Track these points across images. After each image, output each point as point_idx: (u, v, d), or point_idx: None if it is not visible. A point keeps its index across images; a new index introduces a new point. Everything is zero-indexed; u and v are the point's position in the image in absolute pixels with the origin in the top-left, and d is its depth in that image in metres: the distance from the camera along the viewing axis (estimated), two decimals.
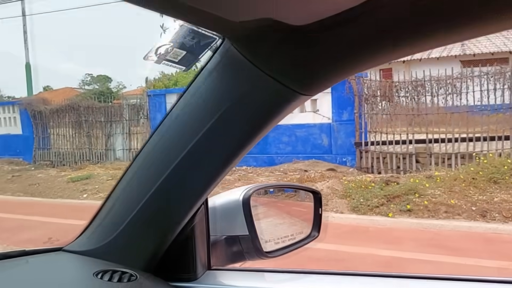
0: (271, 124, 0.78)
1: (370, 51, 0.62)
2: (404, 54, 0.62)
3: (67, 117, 13.86)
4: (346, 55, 0.63)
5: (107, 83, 49.89)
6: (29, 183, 10.95)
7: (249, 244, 1.05)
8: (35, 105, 14.34)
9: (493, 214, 6.04)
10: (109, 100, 14.73)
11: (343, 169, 9.79)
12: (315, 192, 1.27)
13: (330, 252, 5.11)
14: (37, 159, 14.26)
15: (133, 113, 12.99)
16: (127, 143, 13.00)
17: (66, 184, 10.37)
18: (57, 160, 13.91)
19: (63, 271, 0.90)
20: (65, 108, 13.87)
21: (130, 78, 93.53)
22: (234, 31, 0.64)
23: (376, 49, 0.61)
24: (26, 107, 14.45)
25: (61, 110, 13.95)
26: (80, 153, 13.67)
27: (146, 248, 0.92)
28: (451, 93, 9.41)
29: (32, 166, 13.51)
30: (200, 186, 0.85)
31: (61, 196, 9.68)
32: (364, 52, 0.62)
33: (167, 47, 0.66)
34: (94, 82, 51.07)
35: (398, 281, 0.97)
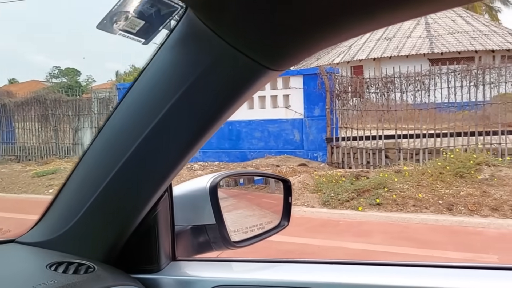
0: (239, 102, 0.73)
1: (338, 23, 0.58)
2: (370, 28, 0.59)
3: (33, 111, 13.43)
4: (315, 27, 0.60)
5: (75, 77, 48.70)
6: None
7: (216, 234, 1.01)
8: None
9: (459, 208, 6.21)
10: (78, 93, 14.35)
11: (315, 164, 9.87)
12: (285, 180, 1.24)
13: (300, 245, 5.13)
14: (1, 153, 13.75)
15: (102, 106, 12.69)
16: None
17: (31, 179, 10.05)
18: (22, 155, 13.47)
19: (13, 264, 0.84)
20: (31, 101, 13.43)
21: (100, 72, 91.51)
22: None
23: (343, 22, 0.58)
24: None
25: (26, 103, 13.50)
26: (47, 147, 13.27)
27: (104, 238, 0.87)
28: (420, 90, 9.62)
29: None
30: (162, 172, 0.80)
31: (25, 191, 9.37)
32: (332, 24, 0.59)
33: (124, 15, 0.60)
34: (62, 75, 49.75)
35: (367, 268, 0.95)
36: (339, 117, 10.12)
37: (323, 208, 6.83)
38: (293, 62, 0.68)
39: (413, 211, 6.34)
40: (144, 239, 0.90)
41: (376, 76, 10.16)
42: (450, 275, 0.88)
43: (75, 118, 12.98)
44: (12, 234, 0.98)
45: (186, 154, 0.78)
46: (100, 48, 76.52)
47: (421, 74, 9.60)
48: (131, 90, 0.77)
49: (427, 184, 6.93)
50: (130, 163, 0.78)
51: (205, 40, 0.65)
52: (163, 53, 0.71)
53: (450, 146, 8.91)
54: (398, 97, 9.86)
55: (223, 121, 0.76)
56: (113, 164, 0.79)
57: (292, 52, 0.65)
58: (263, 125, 10.84)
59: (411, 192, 6.76)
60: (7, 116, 13.82)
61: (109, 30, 0.61)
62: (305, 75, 10.38)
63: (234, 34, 0.63)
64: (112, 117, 0.80)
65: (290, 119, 10.54)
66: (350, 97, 10.36)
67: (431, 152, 9.02)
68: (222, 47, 0.64)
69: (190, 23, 0.65)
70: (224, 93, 0.70)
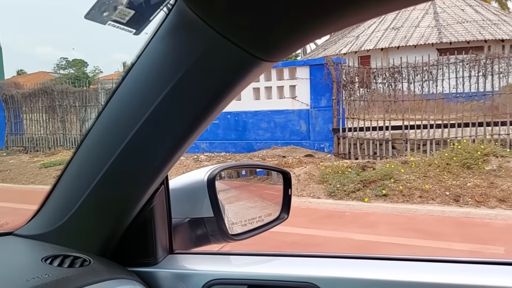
0: (233, 92, 0.72)
1: (333, 12, 0.56)
2: (367, 17, 0.58)
3: (40, 102, 13.49)
4: (308, 16, 0.58)
5: (83, 68, 48.90)
6: (0, 169, 10.65)
7: (214, 227, 1.00)
8: (6, 89, 13.90)
9: (466, 199, 6.17)
10: (85, 84, 14.40)
11: (321, 155, 9.85)
12: (285, 172, 1.23)
13: (306, 236, 5.14)
14: (10, 144, 13.88)
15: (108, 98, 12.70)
16: None
17: (38, 170, 10.13)
18: (30, 146, 13.57)
19: (8, 257, 0.84)
20: (38, 93, 13.49)
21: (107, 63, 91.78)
22: None
23: (338, 11, 0.56)
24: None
25: (34, 94, 13.57)
26: (54, 138, 13.35)
27: (100, 231, 0.86)
28: (427, 80, 9.52)
29: (4, 152, 13.15)
30: (156, 164, 0.79)
31: (33, 182, 9.45)
32: (326, 13, 0.57)
33: (112, 4, 0.59)
34: (69, 67, 49.97)
35: (374, 262, 0.94)
36: (345, 107, 10.06)
37: (329, 199, 6.82)
38: (286, 53, 0.66)
39: (420, 202, 6.31)
40: (140, 232, 0.90)
41: (383, 66, 10.06)
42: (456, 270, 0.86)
43: (82, 109, 13.03)
44: (10, 227, 0.98)
45: (180, 145, 0.77)
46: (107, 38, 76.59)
47: (428, 64, 9.50)
48: (124, 82, 0.76)
49: (434, 175, 6.88)
50: (124, 155, 0.77)
51: (195, 30, 0.64)
52: (155, 43, 0.70)
53: (457, 136, 8.83)
54: (405, 87, 9.77)
55: (217, 113, 0.75)
56: (107, 157, 0.79)
57: (284, 43, 0.64)
58: (269, 116, 10.81)
59: (417, 183, 6.72)
60: (15, 108, 13.90)
61: (98, 20, 0.60)
62: (311, 65, 10.31)
63: (224, 24, 0.61)
64: (105, 109, 0.79)
65: (296, 110, 10.50)
66: (357, 87, 10.29)
67: (438, 142, 8.95)
68: (213, 37, 0.63)
69: (181, 13, 0.64)
70: (216, 84, 0.69)
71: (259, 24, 0.60)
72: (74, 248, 0.85)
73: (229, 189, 1.26)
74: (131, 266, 0.90)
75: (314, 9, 0.56)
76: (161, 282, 0.91)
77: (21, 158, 11.85)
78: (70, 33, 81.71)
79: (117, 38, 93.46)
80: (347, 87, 10.06)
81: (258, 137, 10.99)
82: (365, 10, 0.56)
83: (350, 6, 0.55)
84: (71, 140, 13.13)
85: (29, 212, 0.96)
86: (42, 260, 0.78)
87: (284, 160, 9.05)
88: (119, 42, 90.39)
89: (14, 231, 0.94)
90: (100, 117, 0.80)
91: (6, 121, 13.93)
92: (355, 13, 0.57)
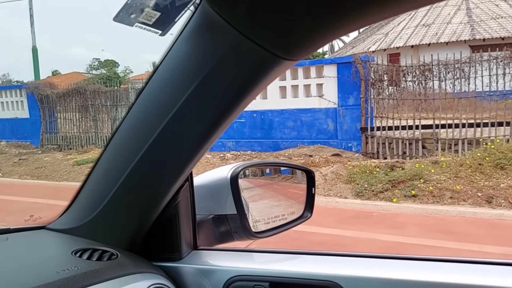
0: (255, 91, 0.73)
1: (353, 11, 0.57)
2: (392, 13, 0.58)
3: (74, 101, 13.89)
4: (329, 16, 0.59)
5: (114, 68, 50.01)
6: (36, 166, 11.03)
7: (237, 224, 1.02)
8: (41, 89, 14.36)
9: (499, 200, 5.99)
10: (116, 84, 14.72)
11: (349, 155, 9.74)
12: (308, 171, 1.23)
13: (333, 236, 5.10)
14: (44, 143, 14.34)
15: None
16: None
17: (71, 167, 10.44)
18: (64, 144, 13.98)
19: (41, 249, 0.88)
20: (72, 92, 13.88)
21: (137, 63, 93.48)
22: None
23: (359, 10, 0.57)
24: (33, 91, 14.47)
25: (67, 94, 13.97)
26: (86, 137, 13.72)
27: (127, 226, 0.90)
28: (459, 78, 9.27)
29: (39, 150, 13.60)
30: (181, 161, 0.81)
31: (66, 179, 9.75)
32: (347, 11, 0.57)
33: (140, 7, 0.61)
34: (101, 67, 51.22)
35: (397, 262, 0.93)
36: (374, 106, 9.91)
37: (356, 199, 6.75)
38: (307, 51, 0.67)
39: (450, 204, 6.16)
40: (166, 228, 0.92)
41: (413, 64, 9.86)
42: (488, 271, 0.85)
43: (113, 108, 13.32)
44: (43, 221, 1.03)
45: (204, 143, 0.79)
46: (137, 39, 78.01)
47: (460, 62, 9.25)
48: (150, 81, 0.78)
49: (465, 175, 6.71)
50: (150, 153, 0.80)
51: (219, 31, 0.66)
52: (180, 44, 0.72)
53: (490, 136, 8.57)
54: (436, 85, 9.55)
55: (239, 111, 0.77)
56: (134, 154, 0.81)
57: (306, 42, 0.65)
58: (296, 114, 10.77)
59: (448, 183, 6.56)
60: (50, 107, 14.34)
61: (126, 22, 0.63)
62: (339, 63, 10.21)
63: (247, 25, 0.63)
64: (132, 109, 0.82)
65: (323, 108, 10.42)
66: (386, 85, 10.12)
67: (471, 142, 8.71)
68: (236, 37, 0.65)
69: (205, 14, 0.66)
70: (239, 83, 0.71)
71: (281, 24, 0.61)
72: (102, 242, 0.88)
73: (253, 187, 1.28)
74: (156, 261, 0.93)
75: (335, 8, 0.57)
76: (185, 277, 0.93)
77: (55, 155, 12.23)
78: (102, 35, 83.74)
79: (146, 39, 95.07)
80: (375, 85, 9.90)
81: (284, 136, 10.96)
82: (386, 8, 0.57)
83: (370, 5, 0.56)
84: (103, 138, 13.45)
85: (62, 208, 1.00)
86: (72, 253, 0.81)
87: (310, 159, 9.00)
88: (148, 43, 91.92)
89: (47, 225, 0.99)
90: (127, 116, 0.83)
91: (41, 120, 14.41)
92: (375, 11, 0.57)
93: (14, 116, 15.20)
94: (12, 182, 9.98)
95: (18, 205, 7.29)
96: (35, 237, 0.94)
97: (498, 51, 9.12)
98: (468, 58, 9.42)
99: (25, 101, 14.96)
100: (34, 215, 5.78)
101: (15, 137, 15.06)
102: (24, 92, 14.89)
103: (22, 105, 15.08)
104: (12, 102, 15.29)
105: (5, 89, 15.99)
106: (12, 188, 9.29)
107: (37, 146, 14.30)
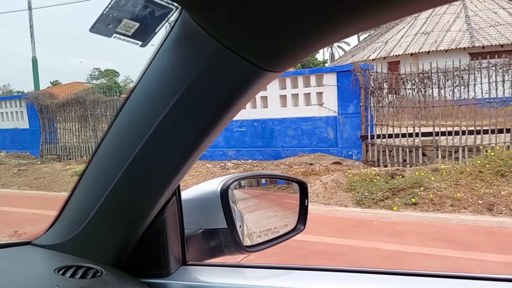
0: (239, 103, 0.71)
1: (336, 21, 0.55)
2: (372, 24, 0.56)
3: (73, 111, 13.88)
4: (312, 26, 0.56)
5: (114, 77, 50.17)
6: (35, 177, 11.00)
7: (228, 238, 0.99)
8: (41, 99, 14.37)
9: (500, 208, 5.94)
10: (116, 94, 14.74)
11: (349, 163, 9.71)
12: (301, 182, 1.21)
13: (333, 245, 5.06)
14: (44, 153, 14.32)
15: None
16: None
17: (70, 178, 10.40)
18: (63, 154, 13.96)
19: (23, 266, 0.85)
20: (71, 102, 13.89)
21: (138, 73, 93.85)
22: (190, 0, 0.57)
23: (342, 20, 0.55)
24: (32, 101, 14.48)
25: (67, 104, 13.97)
26: (86, 147, 13.70)
27: (113, 242, 0.87)
28: (459, 85, 9.26)
29: (39, 160, 13.57)
30: (166, 174, 0.79)
31: (65, 189, 9.71)
32: (330, 22, 0.55)
33: (117, 17, 0.59)
34: (102, 77, 51.39)
35: (393, 278, 0.91)
36: (374, 114, 9.90)
37: (356, 208, 6.70)
38: (290, 63, 0.65)
39: (451, 211, 6.11)
40: (153, 243, 0.90)
41: (412, 72, 9.86)
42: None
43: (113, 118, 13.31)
44: (29, 236, 1.00)
45: (189, 156, 0.77)
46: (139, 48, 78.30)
47: (459, 69, 9.25)
48: (133, 93, 0.76)
49: (466, 183, 6.67)
50: (134, 167, 0.78)
51: (200, 41, 0.64)
52: (161, 55, 0.70)
53: (491, 143, 8.54)
54: (436, 93, 9.54)
55: (225, 123, 0.74)
56: (118, 168, 0.79)
57: (288, 53, 0.63)
58: (296, 123, 10.77)
59: (448, 191, 6.52)
60: (49, 117, 14.34)
61: (104, 33, 0.61)
62: (338, 72, 10.22)
63: (227, 35, 0.61)
64: (116, 121, 0.79)
65: (323, 117, 10.42)
66: (386, 93, 10.11)
67: (471, 149, 8.68)
68: (217, 48, 0.63)
69: (185, 24, 0.64)
70: (222, 95, 0.69)
71: (262, 35, 0.59)
72: (88, 259, 0.86)
73: (249, 198, 1.25)
74: (143, 277, 0.90)
75: (316, 18, 0.55)
76: None
77: (54, 166, 12.20)
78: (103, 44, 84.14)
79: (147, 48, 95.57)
80: (375, 93, 9.90)
81: (285, 145, 10.95)
82: (370, 17, 0.55)
83: (354, 14, 0.54)
84: None
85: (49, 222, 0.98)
86: (55, 271, 0.79)
87: (311, 168, 8.97)
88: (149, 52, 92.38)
89: (32, 241, 0.96)
90: (111, 128, 0.80)
91: (41, 130, 14.40)
92: (359, 20, 0.55)
93: (14, 127, 15.20)
94: (11, 193, 9.95)
95: (15, 216, 7.25)
96: (18, 254, 0.91)
97: (497, 58, 9.12)
98: (467, 65, 9.43)
99: (25, 111, 14.97)
100: (19, 231, 5.75)
101: (15, 148, 15.06)
102: (24, 103, 14.91)
103: (22, 115, 15.09)
104: (12, 112, 15.31)
105: (5, 100, 16.02)
106: (11, 199, 9.26)
107: (37, 156, 14.28)
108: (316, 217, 6.24)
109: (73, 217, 0.89)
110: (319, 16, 0.54)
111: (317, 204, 6.85)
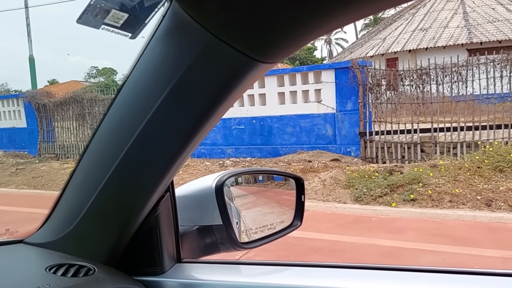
0: (233, 95, 0.69)
1: (328, 11, 0.53)
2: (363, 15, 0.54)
3: (71, 110, 13.84)
4: (304, 16, 0.55)
5: (112, 76, 50.08)
6: (33, 176, 10.97)
7: (223, 235, 0.98)
8: (39, 98, 14.32)
9: (498, 203, 5.94)
10: (114, 92, 14.70)
11: (348, 159, 9.71)
12: (297, 178, 1.19)
13: (331, 242, 5.06)
14: (42, 152, 14.28)
15: None
16: None
17: (67, 176, 10.38)
18: (61, 153, 13.92)
19: (14, 265, 0.84)
20: (69, 101, 13.83)
21: None
22: None
23: (334, 10, 0.53)
24: (30, 100, 14.42)
25: (64, 103, 13.92)
26: (84, 145, 13.64)
27: (105, 239, 0.85)
28: (457, 81, 9.25)
29: (37, 159, 13.53)
30: (159, 170, 0.77)
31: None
32: (322, 12, 0.54)
33: (105, 7, 0.57)
34: (99, 75, 51.30)
35: (391, 273, 0.89)
36: (372, 111, 9.89)
37: (355, 204, 6.70)
38: (283, 54, 0.64)
39: (449, 207, 6.11)
40: (146, 240, 0.88)
41: (410, 68, 9.85)
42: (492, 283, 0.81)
43: None
44: (21, 234, 0.99)
45: (182, 151, 0.75)
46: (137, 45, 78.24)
47: (457, 65, 9.24)
48: (123, 87, 0.74)
49: (464, 179, 6.67)
50: (126, 162, 0.76)
51: (191, 33, 0.62)
52: (152, 46, 0.68)
53: (489, 139, 8.55)
54: (434, 89, 9.54)
55: (218, 116, 0.72)
56: (109, 164, 0.78)
57: (281, 44, 0.61)
58: (294, 120, 10.75)
59: (447, 187, 6.52)
60: (47, 116, 14.29)
61: (91, 24, 0.58)
62: (336, 69, 10.21)
63: (219, 25, 0.59)
64: (107, 116, 0.78)
65: (322, 114, 10.40)
66: (384, 90, 10.10)
67: (469, 145, 8.68)
68: (208, 39, 0.61)
69: (176, 15, 0.62)
70: (215, 86, 0.67)
71: (253, 26, 0.57)
72: (80, 257, 0.84)
73: (246, 194, 1.24)
74: (137, 275, 0.88)
75: (309, 6, 0.53)
76: None
77: (52, 165, 12.17)
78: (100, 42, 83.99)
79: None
80: (373, 90, 9.89)
81: (284, 142, 10.93)
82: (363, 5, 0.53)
83: (344, 5, 0.52)
84: None
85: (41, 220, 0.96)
86: (46, 270, 0.77)
87: (309, 165, 8.96)
88: None
89: (24, 239, 0.94)
90: (102, 124, 0.79)
91: (39, 129, 14.35)
92: (353, 9, 0.53)
93: (12, 126, 15.15)
94: (9, 192, 9.92)
95: (13, 215, 7.23)
96: (9, 252, 0.90)
97: (495, 54, 9.11)
98: (465, 61, 9.42)
99: (22, 110, 14.91)
100: (10, 229, 5.72)
101: (13, 147, 15.01)
102: (22, 102, 14.85)
103: (20, 114, 15.04)
104: (10, 111, 15.25)
105: (2, 99, 15.95)
106: (9, 198, 9.23)
107: (35, 155, 14.23)
108: (314, 214, 6.24)
109: (65, 215, 0.87)
110: (311, 4, 0.53)
111: (315, 201, 6.85)
